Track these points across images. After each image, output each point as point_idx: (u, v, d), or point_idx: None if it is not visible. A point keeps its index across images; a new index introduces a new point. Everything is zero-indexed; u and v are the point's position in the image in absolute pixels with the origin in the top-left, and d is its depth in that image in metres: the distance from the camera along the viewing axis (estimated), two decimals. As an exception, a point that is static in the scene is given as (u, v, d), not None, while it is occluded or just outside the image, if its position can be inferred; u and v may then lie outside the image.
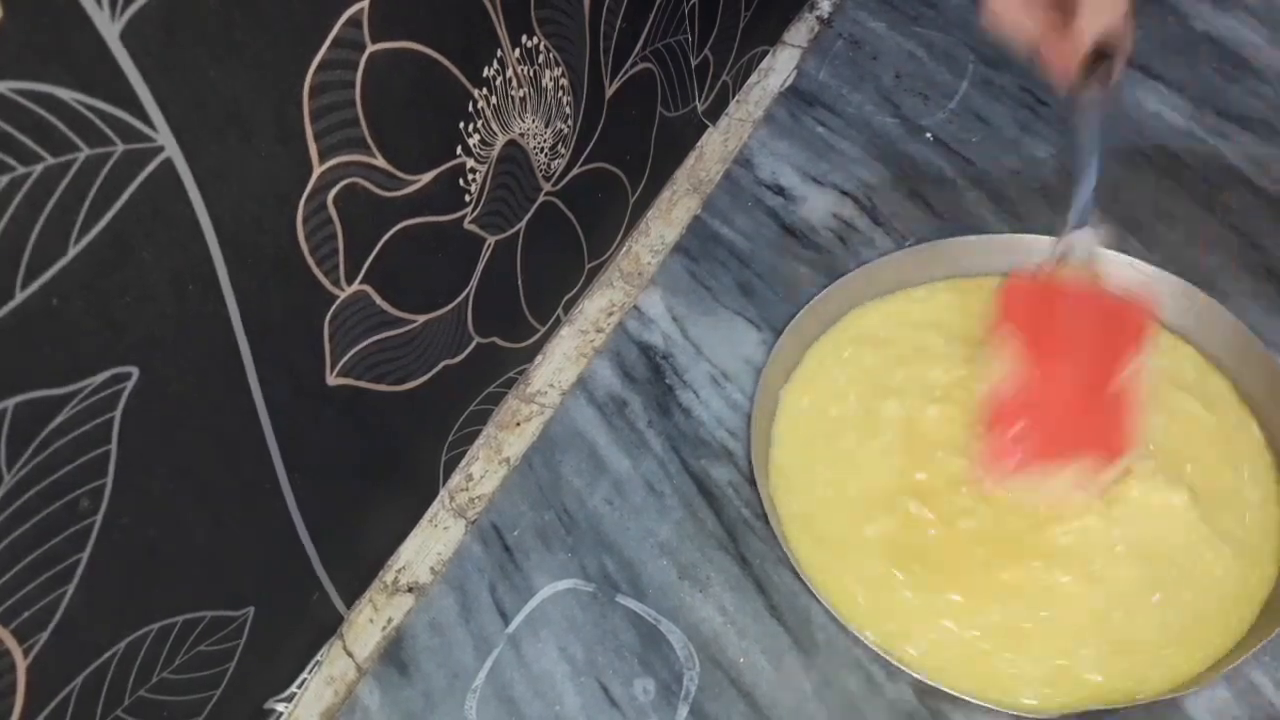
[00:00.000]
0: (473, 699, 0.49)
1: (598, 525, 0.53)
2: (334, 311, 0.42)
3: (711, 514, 0.53)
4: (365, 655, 0.52)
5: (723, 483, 0.54)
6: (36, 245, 0.29)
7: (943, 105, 0.66)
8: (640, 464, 0.55)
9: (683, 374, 0.58)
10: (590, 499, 0.54)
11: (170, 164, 0.32)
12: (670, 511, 0.53)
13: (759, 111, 0.69)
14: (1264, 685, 0.45)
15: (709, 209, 0.65)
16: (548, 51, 0.48)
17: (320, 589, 0.50)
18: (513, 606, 0.51)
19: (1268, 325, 0.55)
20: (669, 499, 0.53)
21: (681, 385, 0.58)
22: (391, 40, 0.39)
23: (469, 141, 0.46)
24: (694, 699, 0.47)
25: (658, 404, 0.57)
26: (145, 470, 0.36)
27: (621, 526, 0.53)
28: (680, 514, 0.53)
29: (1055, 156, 0.62)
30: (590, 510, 0.54)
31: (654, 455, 0.55)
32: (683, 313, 0.60)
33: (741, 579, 0.50)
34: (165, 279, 0.34)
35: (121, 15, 0.29)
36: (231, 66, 0.33)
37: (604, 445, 0.56)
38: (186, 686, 0.43)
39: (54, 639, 0.35)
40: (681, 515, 0.53)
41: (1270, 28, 0.66)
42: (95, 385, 0.33)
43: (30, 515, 0.32)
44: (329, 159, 0.38)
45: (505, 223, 0.51)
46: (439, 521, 0.56)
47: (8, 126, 0.27)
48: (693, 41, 0.61)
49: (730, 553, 0.51)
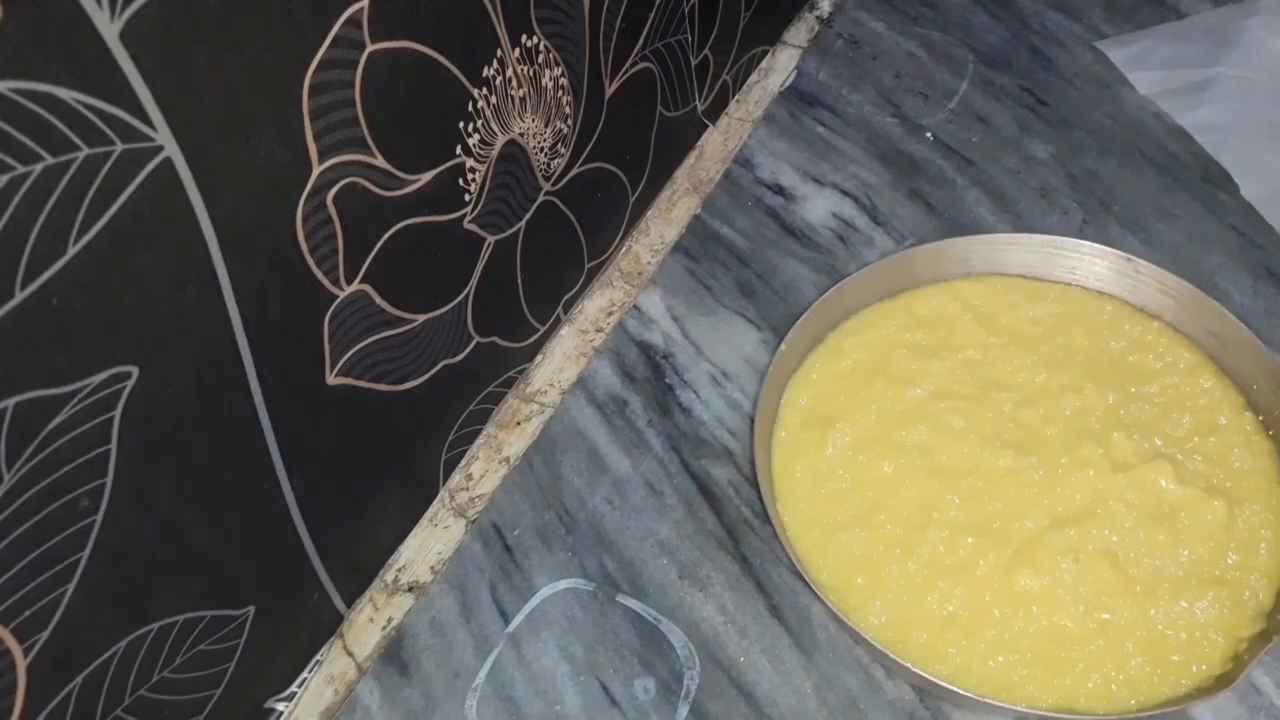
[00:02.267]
0: (473, 698, 0.49)
1: (598, 525, 0.53)
2: (334, 311, 0.42)
3: (711, 513, 0.53)
4: (365, 655, 0.52)
5: (723, 482, 0.54)
6: (36, 245, 0.29)
7: (943, 105, 0.66)
8: (640, 463, 0.55)
9: (683, 373, 0.58)
10: (590, 498, 0.54)
11: (170, 163, 0.32)
12: (670, 511, 0.53)
13: (759, 111, 0.69)
14: (1264, 685, 0.45)
15: (709, 209, 0.65)
16: (548, 51, 0.48)
17: (320, 588, 0.50)
18: (513, 606, 0.51)
19: (1268, 325, 0.55)
20: (669, 498, 0.54)
21: (681, 385, 0.58)
22: (391, 40, 0.39)
23: (469, 141, 0.46)
24: (694, 698, 0.47)
25: (658, 403, 0.57)
26: (145, 470, 0.36)
27: (621, 526, 0.53)
28: (680, 514, 0.53)
29: (1055, 156, 0.62)
30: (590, 510, 0.54)
31: (654, 455, 0.55)
32: (683, 312, 0.60)
33: (741, 578, 0.51)
34: (165, 278, 0.34)
35: (121, 15, 0.29)
36: (231, 66, 0.33)
37: (604, 445, 0.56)
38: (187, 686, 0.43)
39: (54, 638, 0.35)
40: (681, 515, 0.53)
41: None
42: (95, 385, 0.33)
43: (30, 515, 0.32)
44: (329, 158, 0.38)
45: (505, 222, 0.51)
46: (439, 521, 0.56)
47: (7, 126, 0.27)
48: (693, 41, 0.61)
49: (730, 552, 0.51)
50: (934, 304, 0.58)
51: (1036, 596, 0.47)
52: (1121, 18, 0.68)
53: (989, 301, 0.57)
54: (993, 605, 0.47)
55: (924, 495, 0.50)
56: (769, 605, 0.49)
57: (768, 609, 0.49)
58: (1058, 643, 0.46)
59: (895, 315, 0.58)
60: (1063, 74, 0.66)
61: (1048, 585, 0.47)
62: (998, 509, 0.49)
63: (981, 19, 0.69)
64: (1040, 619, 0.46)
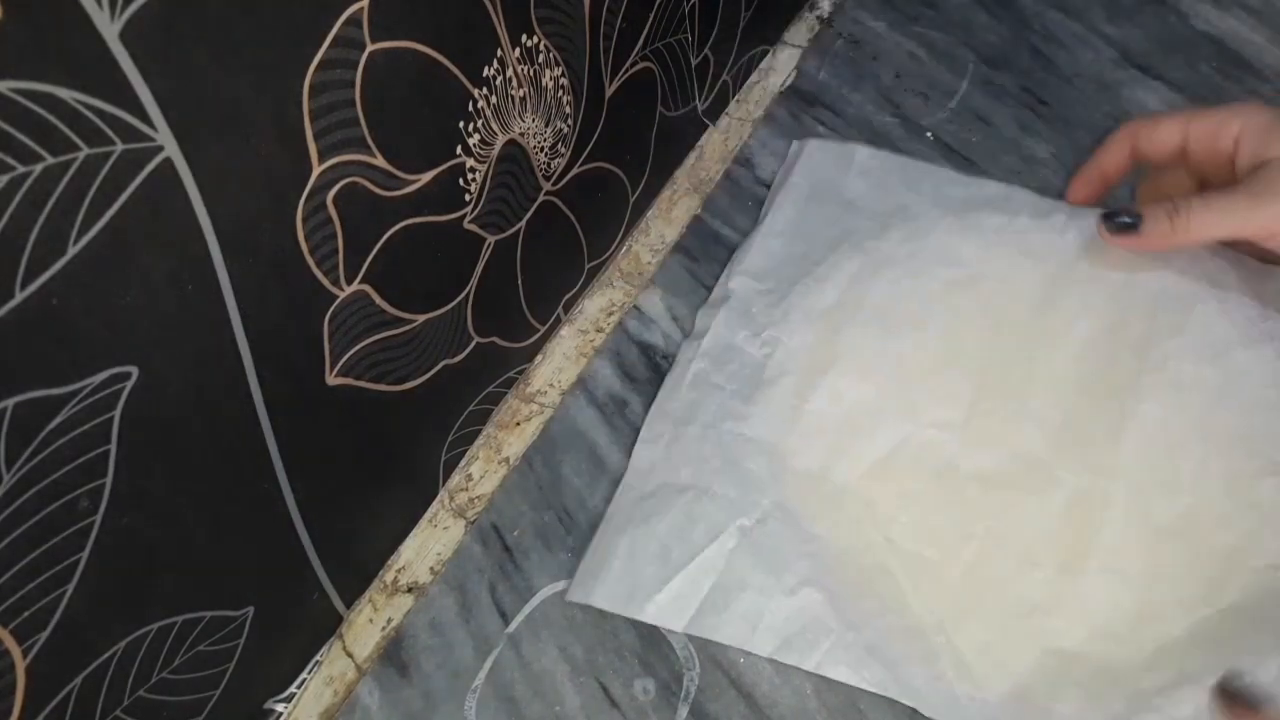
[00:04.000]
0: (472, 699, 0.49)
1: (598, 525, 0.53)
2: (333, 311, 0.42)
3: (711, 514, 0.53)
4: (365, 655, 0.52)
5: (723, 483, 0.54)
6: (36, 245, 0.29)
7: (943, 105, 0.66)
8: (640, 464, 0.55)
9: (683, 374, 0.58)
10: (590, 499, 0.54)
11: (170, 163, 0.32)
12: (670, 511, 0.53)
13: (759, 111, 0.68)
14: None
15: (709, 208, 0.65)
16: (548, 51, 0.48)
17: (320, 589, 0.50)
18: (512, 606, 0.51)
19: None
20: (669, 499, 0.53)
21: (681, 385, 0.58)
22: (391, 39, 0.39)
23: (469, 141, 0.46)
24: (694, 699, 0.47)
25: (658, 404, 0.57)
26: (145, 470, 0.36)
27: (621, 526, 0.53)
28: (680, 514, 0.53)
29: (1055, 156, 0.62)
30: (590, 510, 0.54)
31: (654, 455, 0.55)
32: (683, 313, 0.60)
33: (741, 579, 0.50)
34: (165, 278, 0.34)
35: (121, 15, 0.29)
36: (231, 66, 0.33)
37: (604, 445, 0.56)
38: (186, 687, 0.43)
39: (53, 639, 0.35)
40: (681, 515, 0.53)
41: (1271, 28, 0.66)
42: (95, 385, 0.33)
43: (30, 515, 0.32)
44: (328, 158, 0.38)
45: (505, 222, 0.51)
46: (439, 521, 0.56)
47: (7, 126, 0.27)
48: (693, 41, 0.61)
49: (730, 553, 0.51)
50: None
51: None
52: (1122, 17, 0.67)
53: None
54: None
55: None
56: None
57: (768, 609, 0.49)
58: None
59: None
60: (1063, 74, 0.66)
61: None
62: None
63: (982, 19, 0.69)
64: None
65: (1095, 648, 0.44)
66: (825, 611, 0.46)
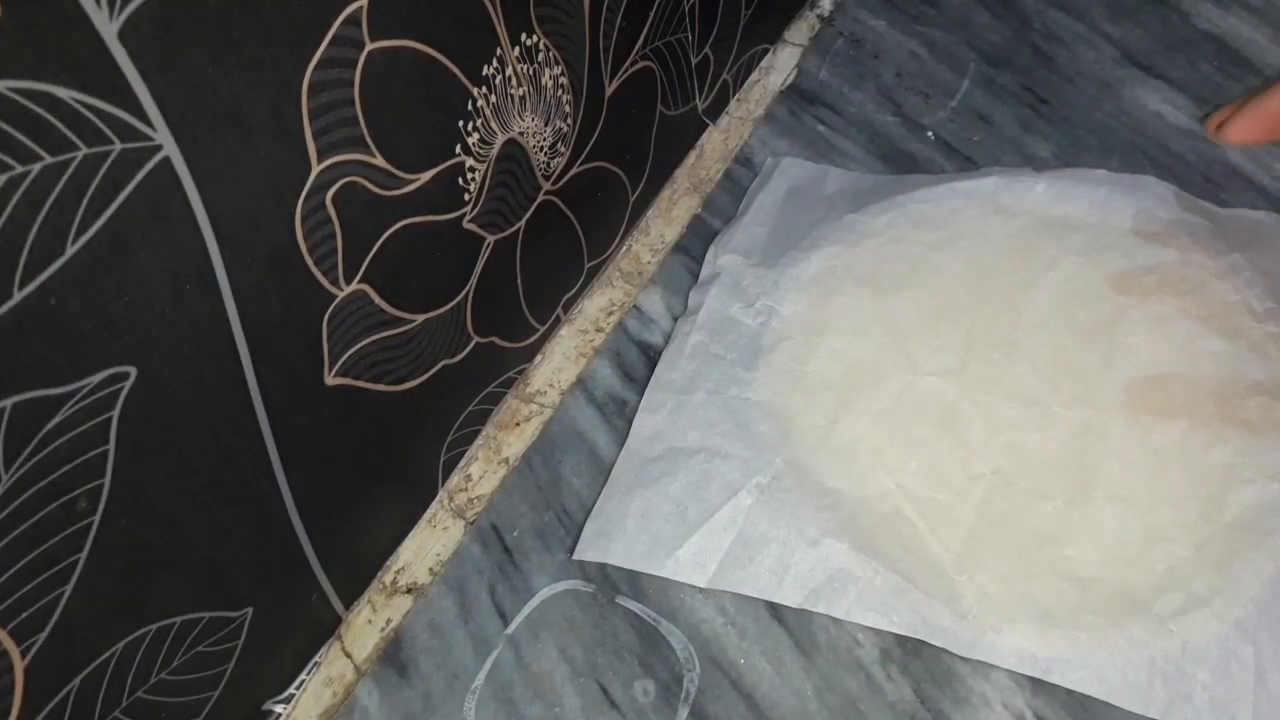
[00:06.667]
0: (472, 700, 0.49)
1: (597, 525, 0.53)
2: (332, 311, 0.42)
3: (712, 514, 0.53)
4: (364, 656, 0.52)
5: (723, 483, 0.54)
6: (34, 244, 0.29)
7: (944, 104, 0.66)
8: (640, 464, 0.55)
9: (683, 373, 0.58)
10: (590, 499, 0.54)
11: (168, 163, 0.32)
12: (670, 511, 0.53)
13: (759, 110, 0.68)
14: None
15: (709, 208, 0.64)
16: (547, 50, 0.48)
17: (319, 590, 0.50)
18: (512, 607, 0.51)
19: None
20: (669, 499, 0.53)
21: (681, 385, 0.57)
22: (390, 38, 0.39)
23: (468, 140, 0.45)
24: (694, 700, 0.47)
25: (658, 404, 0.57)
26: (143, 470, 0.36)
27: (621, 526, 0.53)
28: (680, 514, 0.53)
29: (1056, 155, 0.62)
30: (590, 510, 0.53)
31: (654, 455, 0.55)
32: (683, 312, 0.60)
33: (742, 579, 0.50)
34: (163, 278, 0.34)
35: (120, 14, 0.29)
36: (230, 65, 0.33)
37: (604, 445, 0.56)
38: (185, 688, 0.43)
39: (52, 640, 0.35)
40: (681, 515, 0.53)
41: (1272, 26, 0.66)
42: (93, 385, 0.33)
43: (28, 515, 0.32)
44: (327, 157, 0.38)
45: (505, 222, 0.51)
46: (438, 522, 0.56)
47: (6, 125, 0.27)
48: (693, 40, 0.61)
49: (730, 553, 0.51)
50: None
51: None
52: (1124, 16, 0.67)
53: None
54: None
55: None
56: (769, 607, 0.49)
57: (768, 610, 0.49)
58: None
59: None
60: (1065, 73, 0.66)
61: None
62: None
63: (983, 17, 0.69)
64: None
65: (1109, 572, 0.46)
66: (850, 560, 0.47)
